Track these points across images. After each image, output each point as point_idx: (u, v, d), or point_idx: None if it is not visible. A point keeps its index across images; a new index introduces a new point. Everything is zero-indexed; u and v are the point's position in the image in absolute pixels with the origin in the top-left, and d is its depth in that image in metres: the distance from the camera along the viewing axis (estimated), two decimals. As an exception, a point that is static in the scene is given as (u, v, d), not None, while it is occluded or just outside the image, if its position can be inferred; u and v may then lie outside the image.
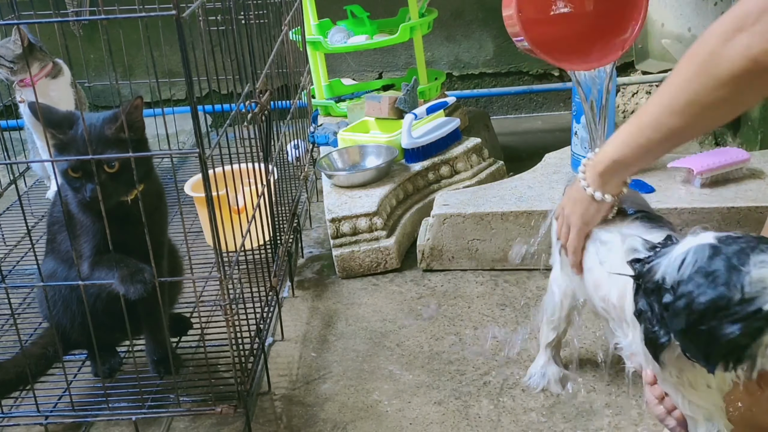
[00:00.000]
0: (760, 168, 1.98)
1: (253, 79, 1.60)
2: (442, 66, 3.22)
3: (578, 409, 1.46)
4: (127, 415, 1.41)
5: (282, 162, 1.99)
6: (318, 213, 2.37)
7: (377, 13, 2.72)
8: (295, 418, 1.51)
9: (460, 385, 1.56)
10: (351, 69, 3.25)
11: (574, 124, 2.04)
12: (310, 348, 1.73)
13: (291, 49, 2.26)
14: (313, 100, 2.62)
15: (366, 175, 2.11)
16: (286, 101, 2.17)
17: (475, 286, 1.91)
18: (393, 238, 2.01)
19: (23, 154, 2.67)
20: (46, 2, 2.32)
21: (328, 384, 1.60)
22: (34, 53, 2.17)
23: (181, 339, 1.65)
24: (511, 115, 3.30)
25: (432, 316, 1.80)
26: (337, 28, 2.55)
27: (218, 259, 1.27)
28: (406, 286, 1.94)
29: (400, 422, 1.47)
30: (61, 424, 1.50)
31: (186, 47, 1.14)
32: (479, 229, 1.95)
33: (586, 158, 1.25)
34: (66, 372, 1.43)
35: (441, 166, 2.21)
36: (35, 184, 2.54)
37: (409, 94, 2.26)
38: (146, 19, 1.16)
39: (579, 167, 1.27)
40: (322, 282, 2.00)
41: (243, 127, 1.51)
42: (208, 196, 1.24)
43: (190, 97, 1.17)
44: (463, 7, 3.15)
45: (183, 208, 1.65)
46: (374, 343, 1.72)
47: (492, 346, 1.68)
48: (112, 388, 1.50)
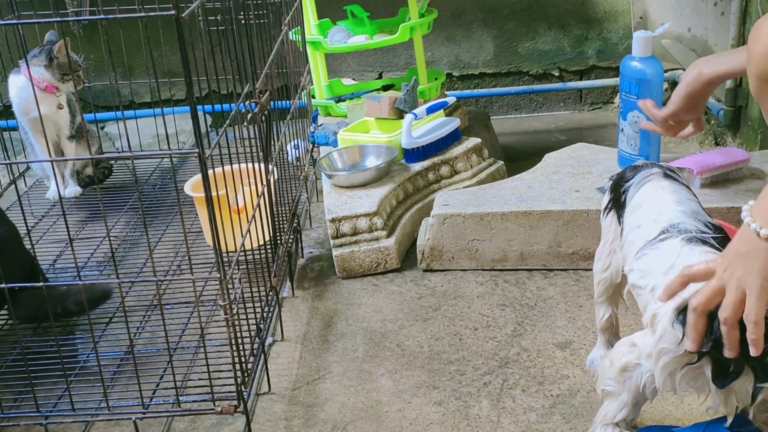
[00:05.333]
0: (760, 168, 1.98)
1: (253, 79, 1.60)
2: (442, 66, 3.22)
3: (578, 410, 1.46)
4: (127, 415, 1.41)
5: (282, 162, 1.99)
6: (318, 213, 2.37)
7: (377, 13, 2.72)
8: (295, 418, 1.51)
9: (460, 385, 1.56)
10: (351, 69, 3.25)
11: (620, 121, 2.02)
12: (310, 348, 1.73)
13: (291, 49, 2.26)
14: (313, 100, 2.62)
15: (366, 175, 2.11)
16: (286, 101, 2.18)
17: (475, 286, 1.91)
18: (393, 238, 2.01)
19: (23, 154, 2.67)
20: (46, 2, 2.32)
21: (328, 384, 1.60)
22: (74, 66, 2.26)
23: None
24: (511, 115, 3.30)
25: (432, 316, 1.81)
26: (337, 28, 2.54)
27: (218, 259, 1.27)
28: (406, 287, 1.94)
29: (400, 422, 1.47)
30: (61, 424, 1.50)
31: (186, 47, 1.14)
32: (479, 229, 1.95)
33: (748, 205, 1.08)
34: (66, 372, 1.43)
35: (441, 166, 2.21)
36: (35, 184, 2.54)
37: (409, 94, 2.26)
38: (146, 19, 1.16)
39: (744, 215, 1.06)
40: (322, 282, 2.00)
41: (243, 127, 1.51)
42: (208, 196, 1.24)
43: (190, 97, 1.17)
44: (463, 7, 3.15)
45: (183, 208, 1.65)
46: (374, 343, 1.72)
47: (492, 346, 1.68)
48: (112, 388, 1.50)
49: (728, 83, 2.45)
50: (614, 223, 1.38)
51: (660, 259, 1.18)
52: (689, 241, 1.17)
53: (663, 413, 1.42)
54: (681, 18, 2.85)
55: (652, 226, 1.24)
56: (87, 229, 2.27)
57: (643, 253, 1.22)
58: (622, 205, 1.35)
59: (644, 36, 1.92)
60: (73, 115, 2.36)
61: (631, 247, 1.27)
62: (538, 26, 3.16)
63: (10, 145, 2.54)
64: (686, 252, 1.15)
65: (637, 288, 1.22)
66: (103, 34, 2.52)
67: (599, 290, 1.47)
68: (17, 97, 2.25)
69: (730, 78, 1.62)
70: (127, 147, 2.18)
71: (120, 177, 2.59)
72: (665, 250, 1.18)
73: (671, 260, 1.15)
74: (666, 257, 1.17)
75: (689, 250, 1.15)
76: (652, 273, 1.17)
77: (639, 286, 1.21)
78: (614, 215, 1.38)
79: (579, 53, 3.20)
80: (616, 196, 1.38)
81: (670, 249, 1.17)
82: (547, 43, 3.18)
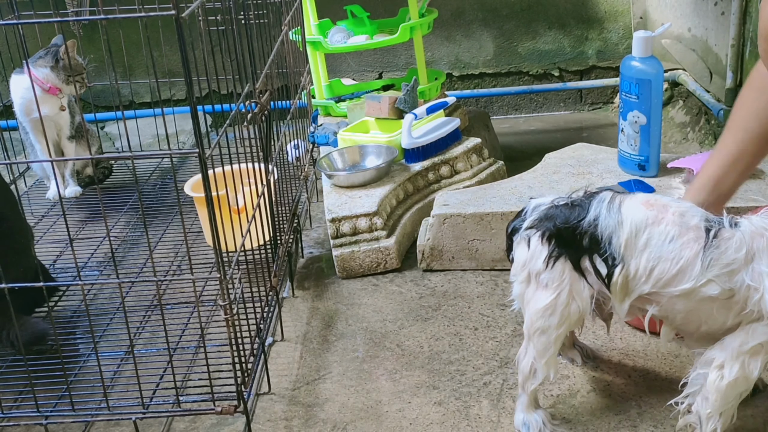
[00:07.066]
0: (760, 168, 1.98)
1: (253, 79, 1.60)
2: (442, 66, 3.22)
3: (578, 410, 1.46)
4: (127, 415, 1.41)
5: (282, 162, 1.99)
6: (318, 213, 2.37)
7: (377, 13, 2.72)
8: (295, 418, 1.51)
9: (460, 385, 1.56)
10: (351, 69, 3.25)
11: (620, 121, 2.03)
12: (310, 348, 1.73)
13: (291, 49, 2.26)
14: (313, 100, 2.62)
15: (366, 175, 2.11)
16: (286, 101, 2.18)
17: (475, 287, 1.91)
18: (393, 238, 2.01)
19: (23, 154, 2.67)
20: (46, 2, 2.32)
21: (328, 384, 1.60)
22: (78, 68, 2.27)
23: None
24: (511, 115, 3.30)
25: (432, 316, 1.81)
26: (337, 28, 2.55)
27: (218, 259, 1.27)
28: (406, 287, 1.94)
29: (400, 422, 1.47)
30: (61, 424, 1.50)
31: (186, 47, 1.14)
32: (479, 229, 1.95)
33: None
34: (66, 372, 1.43)
35: (441, 166, 2.21)
36: (35, 184, 2.55)
37: (409, 94, 2.26)
38: (146, 19, 1.16)
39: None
40: (322, 282, 2.00)
41: (243, 127, 1.51)
42: (208, 196, 1.24)
43: (190, 97, 1.17)
44: (463, 7, 3.15)
45: (183, 208, 1.65)
46: (374, 343, 1.72)
47: (492, 346, 1.68)
48: (112, 388, 1.50)
49: (728, 83, 2.45)
50: (567, 269, 1.31)
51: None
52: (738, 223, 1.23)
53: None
54: (681, 18, 2.85)
55: (689, 231, 1.24)
56: (87, 229, 2.27)
57: (720, 252, 1.21)
58: (594, 243, 1.28)
59: (644, 36, 1.92)
60: (73, 116, 2.36)
61: (668, 264, 1.24)
62: (538, 26, 3.16)
63: (10, 145, 2.54)
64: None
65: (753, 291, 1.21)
66: (103, 34, 2.52)
67: (555, 347, 1.36)
68: (21, 98, 2.25)
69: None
70: (127, 147, 2.18)
71: (120, 177, 2.59)
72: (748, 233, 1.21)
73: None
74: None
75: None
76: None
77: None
78: (565, 261, 1.31)
79: (579, 53, 3.20)
80: (566, 242, 1.30)
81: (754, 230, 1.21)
82: (547, 43, 3.18)
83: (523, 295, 1.38)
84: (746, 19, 2.36)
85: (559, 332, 1.35)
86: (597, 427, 1.41)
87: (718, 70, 2.59)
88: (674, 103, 3.02)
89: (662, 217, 1.25)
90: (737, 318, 1.24)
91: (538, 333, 1.35)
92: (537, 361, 1.37)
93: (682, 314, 1.28)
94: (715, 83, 2.63)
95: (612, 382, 1.53)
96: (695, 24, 2.76)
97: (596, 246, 1.28)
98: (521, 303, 1.39)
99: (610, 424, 1.42)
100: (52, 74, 2.22)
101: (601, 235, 1.27)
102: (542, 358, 1.36)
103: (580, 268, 1.30)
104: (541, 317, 1.34)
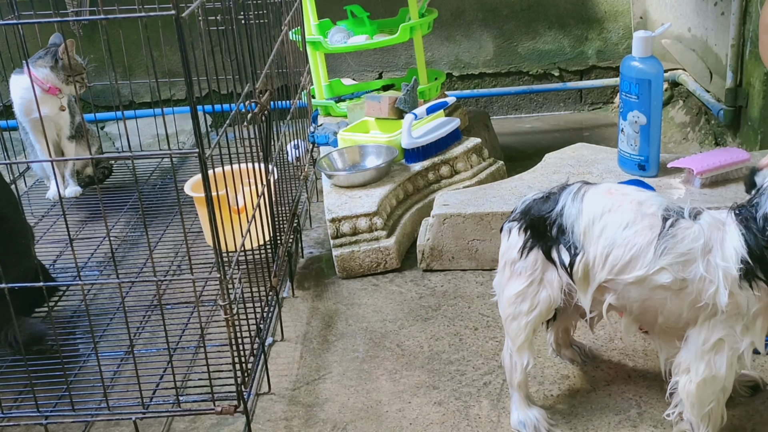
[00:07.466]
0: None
1: (253, 79, 1.60)
2: (442, 66, 3.22)
3: (578, 410, 1.46)
4: (127, 415, 1.41)
5: (282, 162, 1.99)
6: (318, 213, 2.37)
7: (377, 13, 2.72)
8: (295, 418, 1.51)
9: (460, 385, 1.56)
10: (351, 69, 3.25)
11: (620, 121, 2.02)
12: (310, 348, 1.73)
13: (291, 49, 2.26)
14: (313, 100, 2.62)
15: (366, 175, 2.11)
16: (286, 101, 2.18)
17: (475, 286, 1.91)
18: (393, 238, 2.01)
19: (23, 154, 2.67)
20: (46, 2, 2.32)
21: (328, 384, 1.60)
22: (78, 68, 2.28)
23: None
24: (511, 115, 3.30)
25: (432, 316, 1.81)
26: (337, 28, 2.55)
27: (218, 259, 1.27)
28: (406, 287, 1.94)
29: (400, 422, 1.47)
30: (61, 424, 1.50)
31: (186, 47, 1.14)
32: (479, 229, 1.95)
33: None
34: (66, 372, 1.43)
35: (441, 166, 2.21)
36: (35, 184, 2.55)
37: (409, 94, 2.26)
38: (146, 19, 1.16)
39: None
40: (322, 282, 2.00)
41: (243, 127, 1.51)
42: (208, 196, 1.24)
43: (190, 97, 1.17)
44: (463, 7, 3.15)
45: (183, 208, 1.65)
46: (374, 343, 1.72)
47: (492, 346, 1.68)
48: (112, 388, 1.50)
49: (728, 83, 2.45)
50: (540, 259, 1.33)
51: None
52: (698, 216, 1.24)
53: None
54: (681, 18, 2.85)
55: (644, 219, 1.24)
56: (87, 229, 2.27)
57: (676, 241, 1.22)
58: (560, 232, 1.30)
59: (644, 36, 1.92)
60: (73, 116, 2.36)
61: (621, 249, 1.25)
62: (538, 26, 3.16)
63: (10, 145, 2.54)
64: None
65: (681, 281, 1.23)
66: (103, 34, 2.52)
67: (526, 333, 1.37)
68: (21, 98, 2.25)
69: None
70: (127, 147, 2.17)
71: (120, 177, 2.59)
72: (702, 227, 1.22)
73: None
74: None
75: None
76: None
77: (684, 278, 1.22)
78: (538, 251, 1.33)
79: (579, 53, 3.20)
80: (538, 232, 1.33)
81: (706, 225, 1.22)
82: (547, 43, 3.18)
83: (500, 284, 1.40)
84: (746, 19, 2.36)
85: (529, 318, 1.37)
86: (597, 427, 1.41)
87: (718, 70, 2.59)
88: (674, 103, 3.02)
89: (619, 204, 1.27)
90: (693, 311, 1.24)
91: (510, 319, 1.38)
92: (512, 349, 1.40)
93: (638, 303, 1.29)
94: (715, 83, 2.63)
95: (612, 382, 1.53)
96: (695, 24, 2.76)
97: (562, 235, 1.30)
98: (498, 292, 1.42)
99: (610, 424, 1.42)
100: (52, 74, 2.22)
101: (565, 225, 1.30)
102: (515, 344, 1.39)
103: (551, 257, 1.33)
104: (513, 303, 1.37)
